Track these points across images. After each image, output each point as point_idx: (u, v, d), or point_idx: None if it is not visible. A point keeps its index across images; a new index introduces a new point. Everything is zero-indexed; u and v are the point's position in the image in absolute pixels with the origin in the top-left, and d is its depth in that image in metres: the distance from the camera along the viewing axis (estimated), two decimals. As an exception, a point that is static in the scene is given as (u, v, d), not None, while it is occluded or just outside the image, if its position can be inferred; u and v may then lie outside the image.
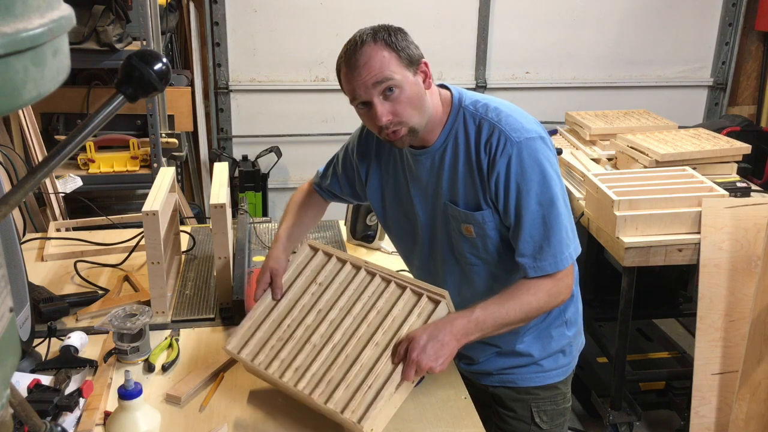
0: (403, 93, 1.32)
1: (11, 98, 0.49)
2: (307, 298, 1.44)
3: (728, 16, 4.08)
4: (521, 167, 1.35)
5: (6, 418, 0.67)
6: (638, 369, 2.93)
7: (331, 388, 1.27)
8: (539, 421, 1.62)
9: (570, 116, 3.42)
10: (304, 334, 1.38)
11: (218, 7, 3.66)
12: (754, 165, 3.36)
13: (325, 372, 1.30)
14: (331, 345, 1.34)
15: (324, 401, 1.26)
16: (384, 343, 1.31)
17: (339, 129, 3.88)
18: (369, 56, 1.31)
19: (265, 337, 1.41)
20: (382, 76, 1.30)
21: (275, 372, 1.34)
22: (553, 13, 3.94)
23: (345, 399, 1.25)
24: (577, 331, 1.64)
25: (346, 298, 1.41)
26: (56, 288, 1.88)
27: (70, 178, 2.62)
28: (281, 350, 1.37)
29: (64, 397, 1.32)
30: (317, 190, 1.74)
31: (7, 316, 0.59)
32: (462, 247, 1.48)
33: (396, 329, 1.32)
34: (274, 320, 1.43)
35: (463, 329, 1.30)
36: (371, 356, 1.30)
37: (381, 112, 1.32)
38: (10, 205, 0.63)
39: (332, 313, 1.39)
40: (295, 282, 1.48)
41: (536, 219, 1.36)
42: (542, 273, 1.38)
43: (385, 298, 1.38)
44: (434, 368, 1.25)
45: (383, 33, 1.33)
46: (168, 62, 0.82)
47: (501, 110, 1.40)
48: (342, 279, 1.45)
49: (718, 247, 2.29)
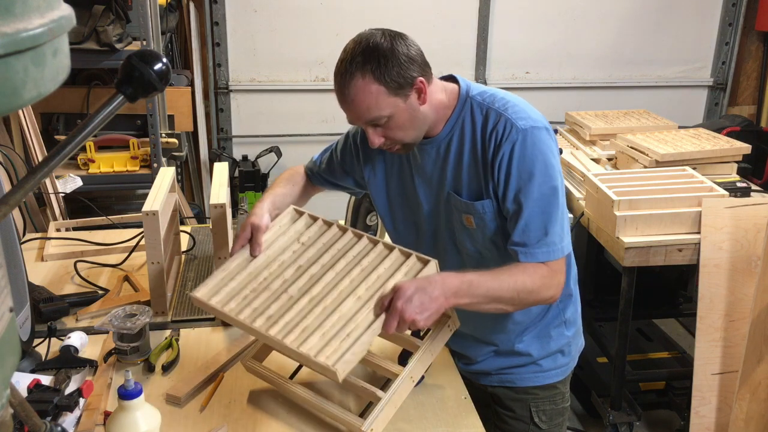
0: (393, 121, 1.34)
1: (11, 98, 0.49)
2: (288, 255, 1.38)
3: (728, 16, 4.08)
4: (525, 154, 1.35)
5: (6, 418, 0.67)
6: (638, 369, 2.93)
7: (305, 335, 1.20)
8: (538, 421, 1.62)
9: (570, 116, 3.42)
10: (281, 286, 1.31)
11: (218, 7, 3.66)
12: (754, 165, 3.36)
13: (300, 321, 1.22)
14: (308, 297, 1.26)
15: (297, 346, 1.18)
16: (366, 297, 1.24)
17: (339, 129, 3.84)
18: (356, 93, 1.31)
19: (238, 288, 1.33)
20: (369, 116, 1.33)
21: (246, 318, 1.26)
22: (553, 13, 3.94)
23: (320, 345, 1.17)
24: (576, 332, 1.64)
25: (329, 256, 1.34)
26: (56, 288, 1.88)
27: (70, 178, 2.62)
28: (254, 300, 1.29)
29: (64, 397, 1.32)
30: (309, 174, 1.72)
31: (7, 316, 0.59)
32: (463, 238, 1.49)
33: (380, 285, 1.25)
34: (249, 273, 1.35)
35: (454, 288, 1.26)
36: (352, 308, 1.22)
37: (373, 138, 1.37)
38: (10, 205, 0.63)
39: (313, 269, 1.32)
40: (277, 240, 1.41)
41: (535, 207, 1.36)
42: (533, 260, 1.36)
43: (371, 258, 1.32)
44: (418, 321, 1.20)
45: (372, 63, 1.29)
46: (168, 62, 0.82)
47: (508, 100, 1.42)
48: (327, 240, 1.39)
49: (718, 247, 2.29)
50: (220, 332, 1.70)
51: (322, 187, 1.74)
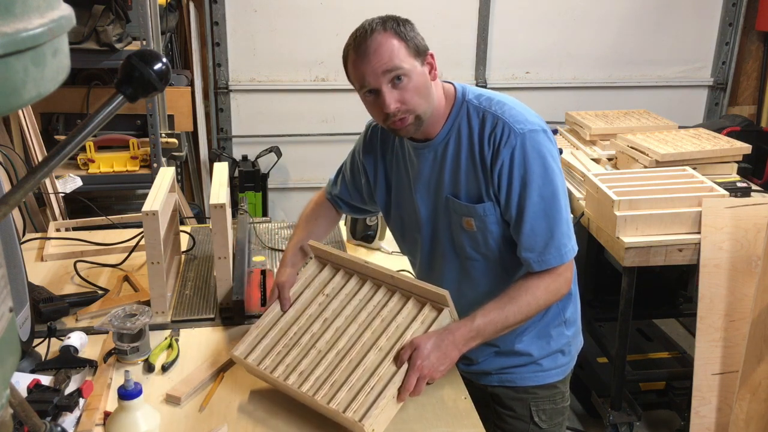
0: (411, 82, 1.34)
1: (11, 98, 0.49)
2: (314, 308, 1.47)
3: (728, 16, 4.08)
4: (524, 159, 1.36)
5: (6, 418, 0.67)
6: (638, 369, 2.93)
7: (334, 389, 1.29)
8: (538, 420, 1.62)
9: (570, 116, 3.42)
10: (309, 340, 1.40)
11: (218, 7, 3.66)
12: (755, 165, 3.36)
13: (329, 375, 1.32)
14: (335, 350, 1.36)
15: (327, 402, 1.27)
16: (387, 348, 1.33)
17: (339, 129, 3.88)
18: (379, 44, 1.32)
19: (271, 344, 1.43)
20: (392, 64, 1.32)
21: (280, 375, 1.36)
22: (553, 12, 3.94)
23: (347, 400, 1.27)
24: (576, 331, 1.64)
25: (352, 307, 1.43)
26: (56, 288, 1.88)
27: (70, 178, 2.62)
28: (287, 355, 1.39)
29: (63, 397, 1.32)
30: (329, 198, 1.76)
31: (7, 316, 0.59)
32: (463, 242, 1.49)
33: (399, 335, 1.34)
34: (281, 328, 1.46)
35: (464, 338, 1.33)
36: (374, 360, 1.32)
37: (389, 99, 1.34)
38: (10, 205, 0.63)
39: (338, 321, 1.41)
40: (303, 293, 1.50)
41: (538, 212, 1.37)
42: (547, 266, 1.39)
43: (389, 308, 1.40)
44: (435, 377, 1.29)
45: (392, 22, 1.34)
46: (168, 62, 0.82)
47: (505, 103, 1.42)
48: (349, 290, 1.47)
49: (718, 247, 2.29)
50: (220, 332, 1.70)
51: (342, 211, 1.77)
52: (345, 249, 2.20)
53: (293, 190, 4.03)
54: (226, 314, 1.75)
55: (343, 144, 3.85)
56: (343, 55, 1.39)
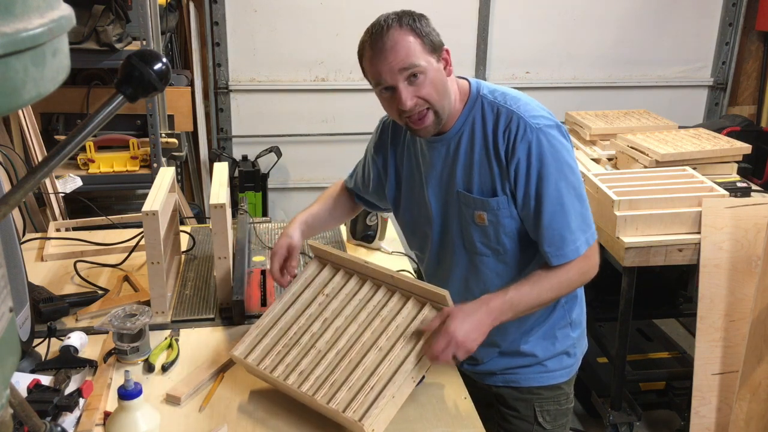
0: (427, 78, 1.34)
1: (11, 98, 0.49)
2: (314, 308, 1.47)
3: (728, 16, 4.08)
4: (541, 154, 1.36)
5: (6, 418, 0.67)
6: (638, 369, 2.93)
7: (333, 389, 1.29)
8: (542, 421, 1.62)
9: (570, 116, 3.42)
10: (309, 340, 1.41)
11: (218, 7, 3.66)
12: (755, 165, 3.36)
13: (329, 375, 1.32)
14: (335, 350, 1.36)
15: (326, 401, 1.28)
16: (387, 348, 1.33)
17: (339, 129, 3.87)
18: (395, 41, 1.31)
19: (271, 344, 1.44)
20: (408, 62, 1.32)
21: (280, 375, 1.36)
22: (553, 13, 3.93)
23: (347, 399, 1.27)
24: (581, 333, 1.64)
25: (352, 307, 1.43)
26: (56, 288, 1.88)
27: (70, 178, 2.62)
28: (287, 355, 1.40)
29: (63, 398, 1.32)
30: (348, 189, 1.77)
31: (7, 316, 0.59)
32: (473, 237, 1.48)
33: (399, 335, 1.34)
34: (281, 328, 1.46)
35: (498, 309, 1.32)
36: (374, 360, 1.32)
37: (405, 96, 1.34)
38: (10, 205, 0.63)
39: (338, 321, 1.42)
40: (303, 293, 1.50)
41: (556, 206, 1.37)
42: (565, 260, 1.39)
43: (389, 307, 1.40)
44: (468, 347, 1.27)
45: (408, 18, 1.33)
46: (168, 62, 0.82)
47: (519, 99, 1.43)
48: (349, 290, 1.47)
49: (718, 247, 2.29)
50: (220, 332, 1.70)
51: (359, 203, 1.77)
52: (345, 249, 2.20)
53: (293, 190, 4.03)
54: (226, 314, 1.75)
55: (343, 144, 3.85)
56: (358, 51, 1.39)
